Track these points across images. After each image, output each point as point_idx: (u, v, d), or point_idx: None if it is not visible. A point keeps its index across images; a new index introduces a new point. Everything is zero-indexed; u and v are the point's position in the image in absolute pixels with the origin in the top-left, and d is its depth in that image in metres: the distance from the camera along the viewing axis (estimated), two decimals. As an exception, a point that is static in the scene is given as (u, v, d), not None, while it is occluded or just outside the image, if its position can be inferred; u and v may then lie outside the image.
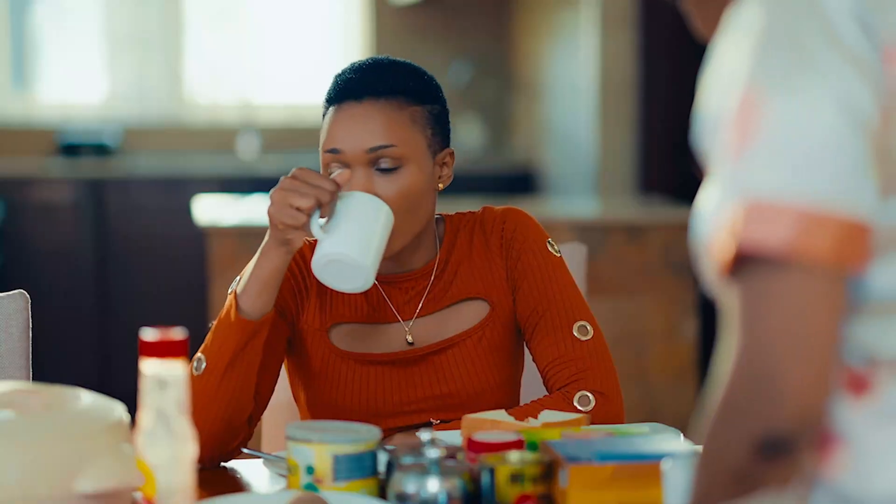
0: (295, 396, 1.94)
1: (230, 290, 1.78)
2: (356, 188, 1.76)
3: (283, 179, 1.70)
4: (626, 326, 4.00)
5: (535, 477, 1.43)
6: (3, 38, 5.84)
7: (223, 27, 5.99)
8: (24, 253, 5.31)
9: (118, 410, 1.33)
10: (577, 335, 1.84)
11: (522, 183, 5.62)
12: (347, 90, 1.80)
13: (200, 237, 4.46)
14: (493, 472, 1.42)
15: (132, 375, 1.79)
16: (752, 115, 1.02)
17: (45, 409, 1.30)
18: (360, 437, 1.50)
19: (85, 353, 5.27)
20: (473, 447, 1.51)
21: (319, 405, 1.87)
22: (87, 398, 1.34)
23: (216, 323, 1.77)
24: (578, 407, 1.78)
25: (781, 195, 1.00)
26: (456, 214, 1.94)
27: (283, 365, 1.88)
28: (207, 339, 1.77)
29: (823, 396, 1.02)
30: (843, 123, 1.01)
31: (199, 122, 5.92)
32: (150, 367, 1.24)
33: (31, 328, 1.94)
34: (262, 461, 1.74)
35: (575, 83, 5.13)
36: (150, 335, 1.24)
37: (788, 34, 1.04)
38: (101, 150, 5.58)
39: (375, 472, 1.51)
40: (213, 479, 1.70)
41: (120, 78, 5.87)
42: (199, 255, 4.71)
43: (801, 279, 1.00)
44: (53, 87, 5.91)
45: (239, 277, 1.78)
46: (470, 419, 1.61)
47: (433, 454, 1.43)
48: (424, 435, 1.45)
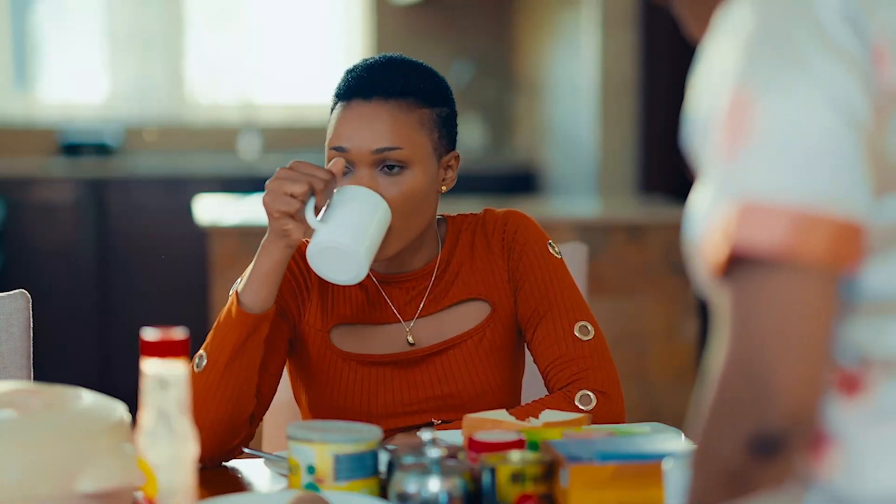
0: (296, 398, 1.95)
1: (232, 290, 1.78)
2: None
3: (278, 170, 1.72)
4: (626, 326, 4.00)
5: (536, 476, 1.43)
6: (4, 37, 5.84)
7: (224, 27, 5.98)
8: (25, 252, 5.31)
9: (119, 410, 1.33)
10: (578, 335, 1.84)
11: (523, 183, 5.62)
12: (357, 88, 1.80)
13: (201, 237, 4.46)
14: (494, 471, 1.42)
15: (133, 375, 1.79)
16: (743, 115, 1.02)
17: (46, 408, 1.30)
18: (361, 436, 1.50)
19: (86, 352, 5.27)
20: (474, 447, 1.51)
21: (321, 406, 1.88)
22: (88, 398, 1.34)
23: (217, 322, 1.77)
24: (580, 406, 1.78)
25: (775, 196, 1.00)
26: (458, 216, 1.94)
27: (285, 366, 1.88)
28: (209, 337, 1.78)
29: (815, 395, 1.01)
30: (835, 123, 1.01)
31: (200, 121, 5.92)
32: (151, 366, 1.24)
33: (31, 328, 1.94)
34: (263, 461, 1.74)
35: (576, 83, 5.13)
36: (151, 335, 1.24)
37: (779, 34, 1.04)
38: (102, 149, 5.58)
39: (376, 471, 1.51)
40: (214, 478, 1.70)
41: (121, 78, 5.87)
42: (200, 254, 4.72)
43: (794, 280, 1.00)
44: (54, 86, 5.91)
45: (240, 279, 1.78)
46: (471, 419, 1.61)
47: (434, 454, 1.43)
48: (425, 434, 1.45)
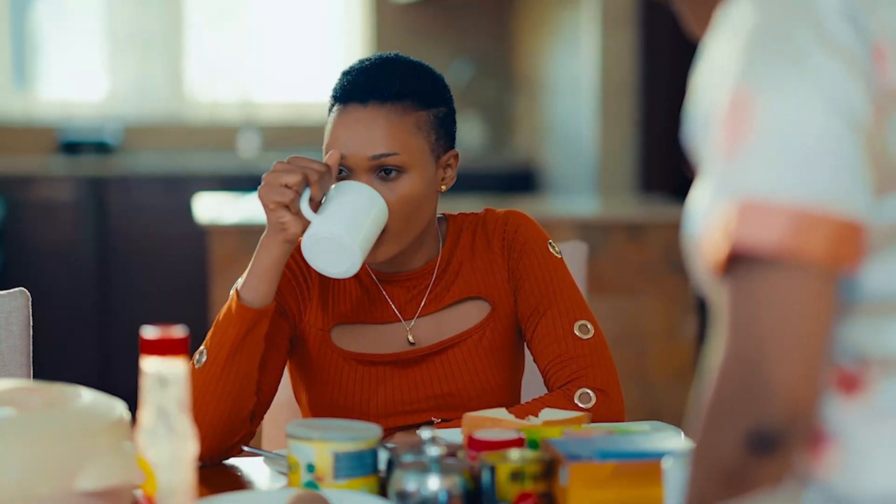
0: (297, 397, 1.95)
1: (232, 290, 1.78)
2: None
3: (275, 163, 1.74)
4: (626, 325, 4.00)
5: (535, 475, 1.43)
6: (3, 36, 5.84)
7: (224, 25, 5.98)
8: (24, 251, 5.31)
9: (119, 408, 1.33)
10: (577, 334, 1.84)
11: (523, 182, 5.62)
12: (353, 92, 1.80)
13: (201, 235, 4.46)
14: (493, 470, 1.43)
15: (133, 373, 1.79)
16: (743, 114, 1.02)
17: (45, 407, 1.30)
18: (360, 435, 1.51)
19: (85, 350, 5.28)
20: (474, 445, 1.51)
21: (321, 405, 1.88)
22: (87, 396, 1.34)
23: (217, 319, 1.77)
24: (579, 404, 1.78)
25: (775, 195, 1.00)
26: (459, 214, 1.94)
27: (286, 365, 1.88)
28: (209, 334, 1.78)
29: (813, 393, 1.02)
30: (835, 122, 1.01)
31: (199, 120, 5.92)
32: (150, 365, 1.24)
33: (31, 326, 1.94)
34: (262, 459, 1.74)
35: (576, 82, 5.13)
36: (150, 333, 1.24)
37: (780, 33, 1.04)
38: (101, 148, 5.58)
39: (376, 469, 1.51)
40: (213, 476, 1.70)
41: (121, 76, 5.87)
42: (199, 253, 4.72)
43: (793, 278, 1.00)
44: (54, 85, 5.91)
45: (241, 277, 1.79)
46: (470, 417, 1.61)
47: (434, 452, 1.43)
48: (425, 433, 1.45)
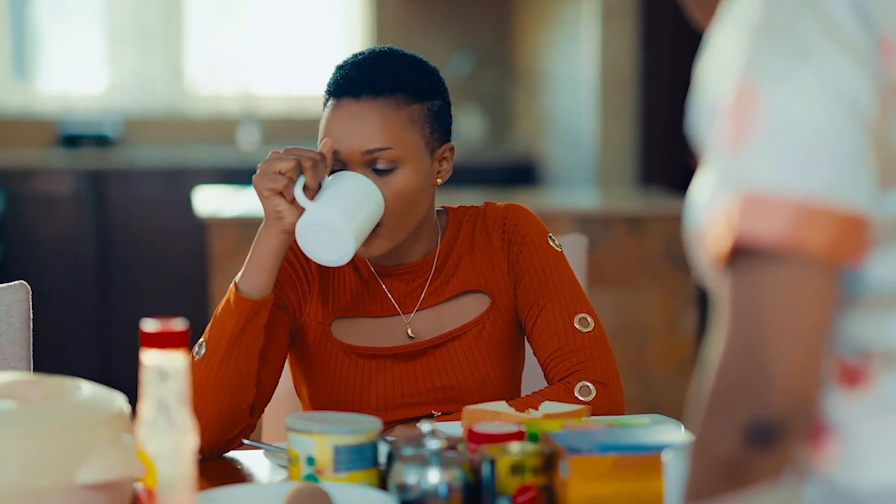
0: (297, 391, 1.95)
1: (232, 283, 1.79)
2: None
3: (271, 153, 1.74)
4: (626, 318, 4.00)
5: (535, 468, 1.43)
6: (3, 29, 5.83)
7: (224, 18, 5.98)
8: (24, 244, 5.31)
9: (119, 401, 1.33)
10: (577, 327, 1.84)
11: (523, 175, 5.62)
12: (346, 86, 1.80)
13: (201, 228, 4.46)
14: (493, 463, 1.43)
15: (133, 366, 1.79)
16: (748, 106, 1.02)
17: (45, 400, 1.30)
18: (360, 428, 1.51)
19: (85, 343, 5.28)
20: (474, 438, 1.51)
21: (321, 399, 1.88)
22: (87, 389, 1.34)
23: (216, 312, 1.78)
24: (579, 397, 1.78)
25: (779, 188, 1.00)
26: (459, 207, 1.94)
27: (286, 359, 1.88)
28: (208, 326, 1.78)
29: (813, 386, 1.01)
30: (840, 115, 1.01)
31: (199, 113, 5.92)
32: (150, 357, 1.24)
33: (31, 319, 1.94)
34: (262, 452, 1.74)
35: (576, 75, 5.12)
36: (150, 326, 1.24)
37: (786, 25, 1.03)
38: (101, 141, 5.58)
39: (376, 462, 1.51)
40: (214, 469, 1.70)
41: (120, 69, 5.86)
42: (199, 246, 4.72)
43: (795, 272, 1.00)
44: (54, 78, 5.91)
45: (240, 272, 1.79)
46: (470, 410, 1.61)
47: (434, 445, 1.43)
48: (425, 426, 1.45)
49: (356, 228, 1.72)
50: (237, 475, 1.72)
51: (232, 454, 1.79)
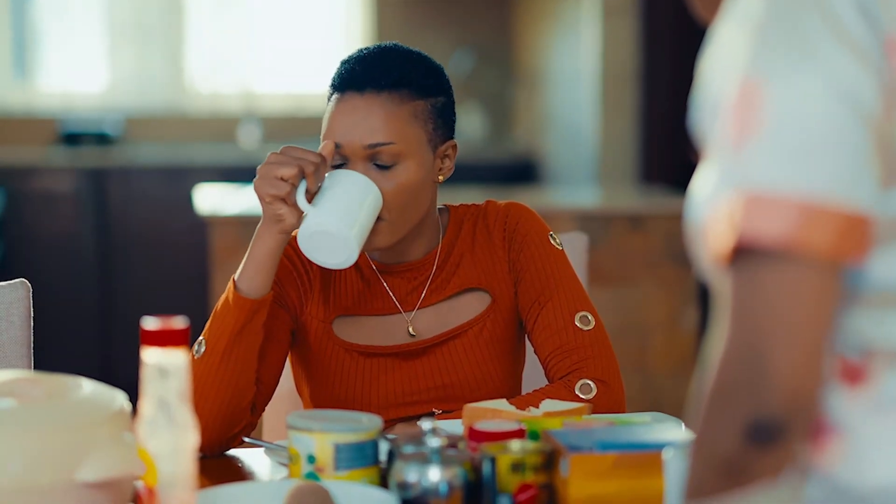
0: (298, 389, 1.95)
1: (230, 280, 1.78)
2: None
3: (270, 154, 1.73)
4: (627, 316, 4.00)
5: (536, 466, 1.43)
6: (4, 27, 5.83)
7: (224, 16, 5.98)
8: (25, 242, 5.31)
9: (119, 399, 1.33)
10: (578, 325, 1.84)
11: (524, 172, 5.62)
12: (350, 81, 1.80)
13: (202, 226, 4.46)
14: (494, 461, 1.42)
15: (133, 364, 1.79)
16: (751, 104, 1.02)
17: (46, 398, 1.30)
18: (361, 426, 1.51)
19: (86, 341, 5.28)
20: (475, 436, 1.51)
21: (322, 397, 1.88)
22: (88, 387, 1.34)
23: (215, 310, 1.77)
24: (580, 395, 1.78)
25: (782, 187, 1.00)
26: (460, 206, 1.94)
27: (287, 357, 1.88)
28: (207, 324, 1.78)
29: (814, 384, 1.01)
30: (844, 114, 1.01)
31: (200, 111, 5.92)
32: (151, 355, 1.24)
33: (32, 317, 1.94)
34: (263, 450, 1.74)
35: (576, 72, 5.12)
36: (151, 324, 1.24)
37: (790, 22, 1.03)
38: (102, 139, 5.58)
39: (377, 461, 1.51)
40: (214, 467, 1.70)
41: (121, 67, 5.86)
42: (200, 244, 4.72)
43: (798, 271, 1.00)
44: (54, 76, 5.90)
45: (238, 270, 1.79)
46: (471, 408, 1.61)
47: (434, 443, 1.43)
48: (426, 424, 1.45)
49: (358, 232, 1.71)
50: (238, 473, 1.72)
51: (232, 452, 1.79)
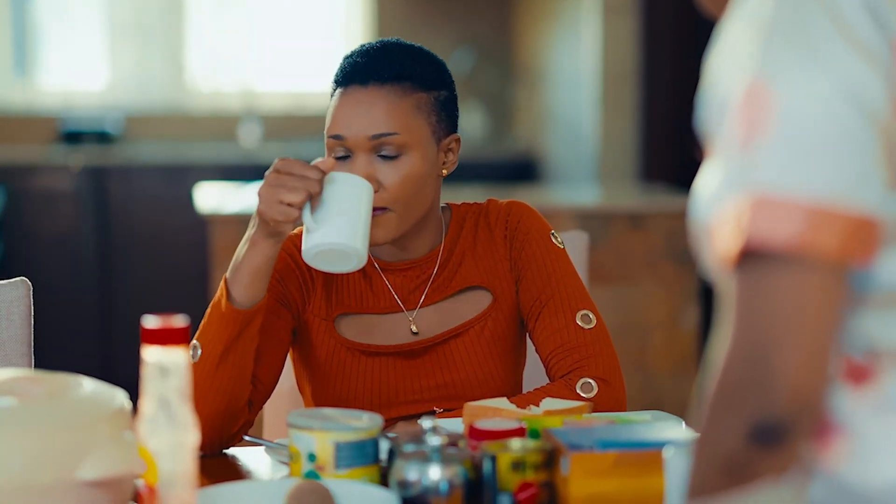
0: (300, 388, 1.94)
1: (223, 281, 1.78)
2: (358, 174, 1.75)
3: (267, 175, 1.69)
4: (627, 315, 4.00)
5: (536, 465, 1.43)
6: (4, 25, 5.83)
7: (225, 14, 5.98)
8: (25, 240, 5.31)
9: (120, 398, 1.33)
10: (579, 324, 1.84)
11: (524, 171, 5.62)
12: (353, 74, 1.80)
13: (202, 225, 4.46)
14: (494, 459, 1.42)
15: (134, 363, 1.79)
16: (759, 105, 1.01)
17: (46, 396, 1.30)
18: (361, 424, 1.51)
19: (86, 340, 5.28)
20: (475, 435, 1.51)
21: (324, 396, 1.87)
22: (88, 386, 1.33)
23: (210, 309, 1.77)
24: (581, 394, 1.78)
25: (789, 190, 1.00)
26: (462, 204, 1.94)
27: (287, 356, 1.88)
28: (202, 325, 1.77)
29: (819, 385, 1.01)
30: (852, 116, 1.00)
31: (200, 109, 5.92)
32: (151, 354, 1.24)
33: (32, 315, 1.94)
34: (263, 449, 1.74)
35: (577, 71, 5.12)
36: (151, 322, 1.24)
37: (799, 23, 1.03)
38: (102, 137, 5.58)
39: (377, 459, 1.51)
40: (214, 466, 1.70)
41: (121, 65, 5.86)
42: (200, 242, 4.72)
43: (804, 275, 1.00)
44: (55, 74, 5.90)
45: (229, 272, 1.77)
46: (472, 407, 1.61)
47: (435, 442, 1.43)
48: (426, 423, 1.45)
49: (363, 238, 1.70)
50: (238, 472, 1.72)
51: (233, 451, 1.79)
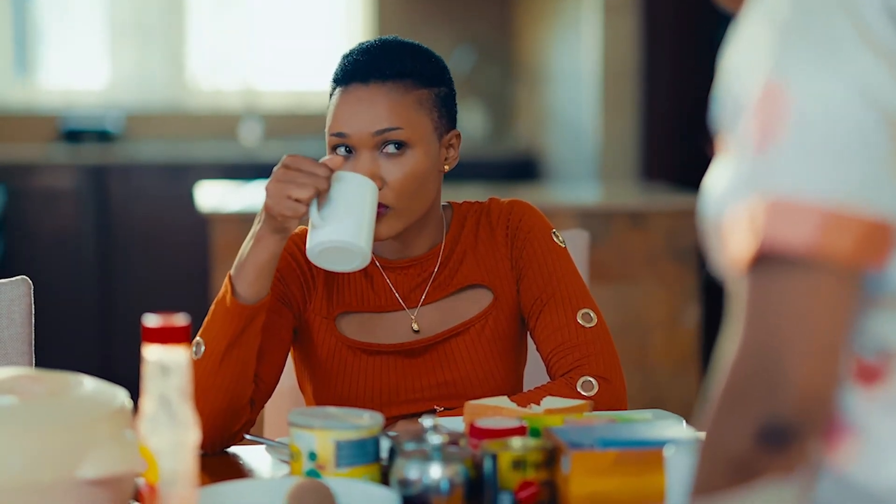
0: (301, 387, 1.94)
1: (227, 278, 1.78)
2: (361, 171, 1.76)
3: (276, 171, 1.70)
4: (628, 313, 3.99)
5: (537, 463, 1.43)
6: (5, 24, 5.83)
7: (225, 13, 5.98)
8: (26, 239, 5.31)
9: (120, 397, 1.33)
10: (580, 322, 1.84)
11: (525, 169, 5.62)
12: (354, 72, 1.80)
13: (203, 224, 4.46)
14: (495, 458, 1.42)
15: (135, 361, 1.79)
16: (775, 105, 1.01)
17: (47, 395, 1.30)
18: (362, 423, 1.51)
19: (87, 339, 5.28)
20: (476, 433, 1.51)
21: (325, 394, 1.87)
22: (89, 384, 1.34)
23: (214, 306, 1.77)
24: (581, 392, 1.78)
25: (805, 193, 0.99)
26: (464, 203, 1.94)
27: (288, 354, 1.88)
28: (206, 322, 1.78)
29: (828, 387, 1.01)
30: (869, 119, 1.00)
31: (201, 108, 5.92)
32: (152, 353, 1.24)
33: (33, 314, 1.94)
34: (264, 447, 1.74)
35: (577, 69, 5.12)
36: (152, 321, 1.24)
37: (816, 23, 1.02)
38: (103, 136, 5.58)
39: (378, 458, 1.51)
40: (215, 465, 1.70)
41: (122, 64, 5.86)
42: (201, 241, 4.71)
43: (818, 278, 0.99)
44: (55, 73, 5.90)
45: (233, 269, 1.77)
46: (472, 405, 1.61)
47: (435, 440, 1.43)
48: (427, 421, 1.45)
49: (367, 236, 1.70)
50: (239, 470, 1.72)
51: (234, 449, 1.79)
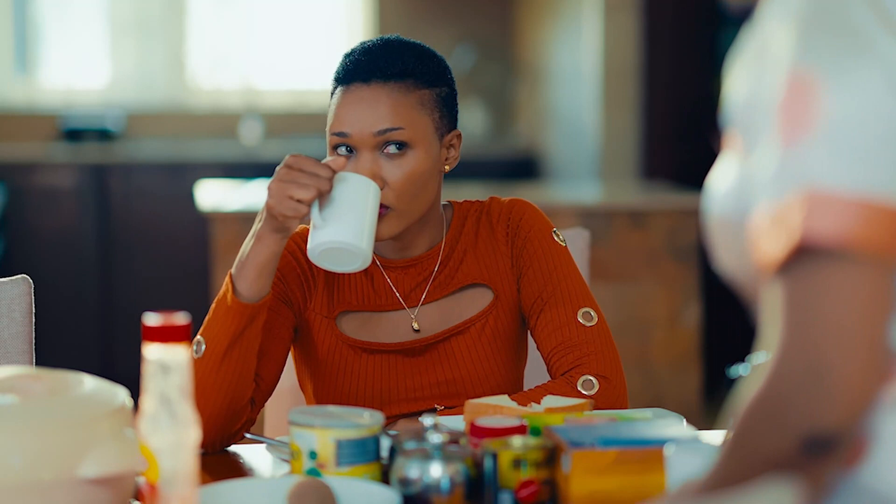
0: (301, 386, 1.94)
1: (227, 276, 1.78)
2: (362, 171, 1.76)
3: (278, 170, 1.70)
4: (628, 312, 4.00)
5: (537, 462, 1.43)
6: (5, 22, 5.83)
7: (226, 12, 5.98)
8: (26, 238, 5.31)
9: (121, 395, 1.33)
10: (581, 321, 1.84)
11: (525, 168, 5.62)
12: (356, 72, 1.80)
13: (203, 222, 4.47)
14: (495, 457, 1.42)
15: (135, 360, 1.79)
16: (803, 100, 0.99)
17: (48, 394, 1.30)
18: (362, 422, 1.51)
19: (88, 337, 5.28)
20: (476, 432, 1.51)
21: (325, 393, 1.87)
22: (89, 383, 1.34)
23: (214, 305, 1.77)
24: (582, 391, 1.78)
25: (841, 185, 0.97)
26: (464, 202, 1.94)
27: (289, 354, 1.88)
28: (206, 320, 1.77)
29: (873, 393, 0.99)
30: None
31: (201, 107, 5.92)
32: (153, 351, 1.24)
33: (34, 313, 1.94)
34: (265, 446, 1.74)
35: (578, 68, 5.12)
36: (153, 320, 1.24)
37: (839, 15, 1.01)
38: (103, 135, 5.58)
39: (378, 457, 1.51)
40: (216, 463, 1.71)
41: (123, 63, 5.86)
42: (201, 240, 4.72)
43: (856, 272, 0.98)
44: (56, 72, 5.91)
45: (234, 267, 1.77)
46: (473, 404, 1.61)
47: (436, 439, 1.43)
48: (427, 420, 1.45)
49: (368, 237, 1.70)
50: (239, 469, 1.72)
51: (234, 448, 1.79)
